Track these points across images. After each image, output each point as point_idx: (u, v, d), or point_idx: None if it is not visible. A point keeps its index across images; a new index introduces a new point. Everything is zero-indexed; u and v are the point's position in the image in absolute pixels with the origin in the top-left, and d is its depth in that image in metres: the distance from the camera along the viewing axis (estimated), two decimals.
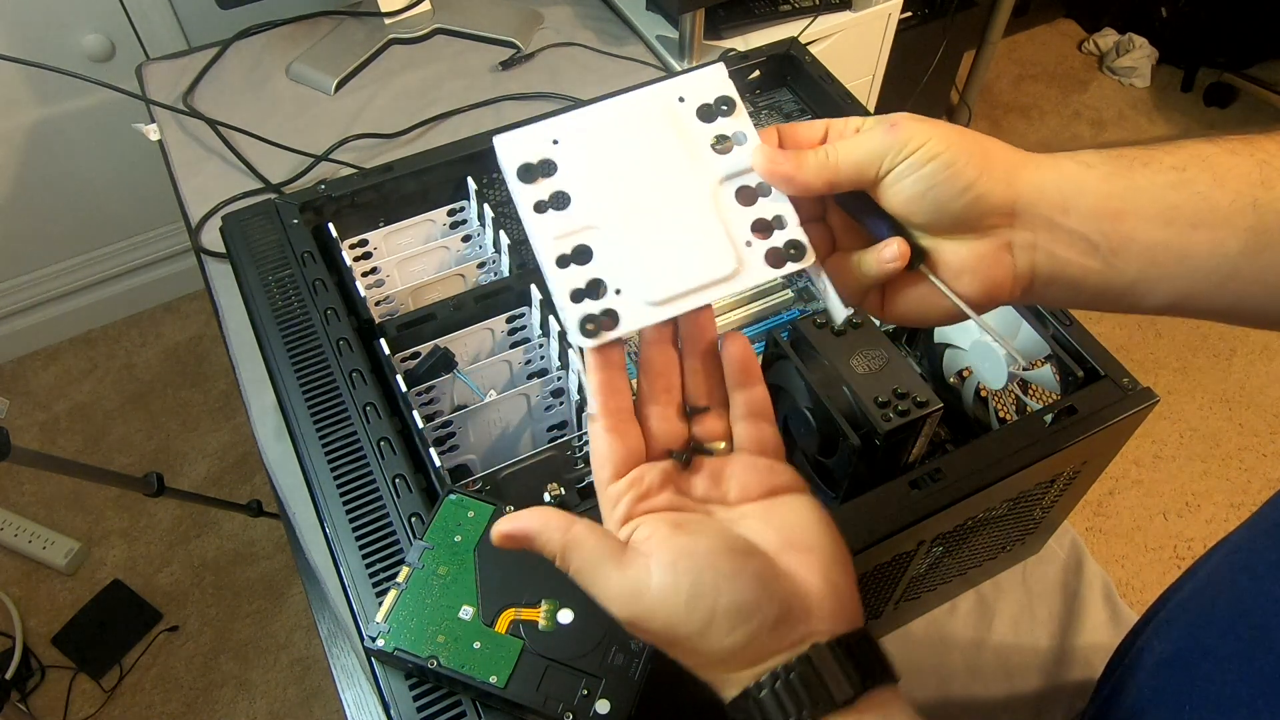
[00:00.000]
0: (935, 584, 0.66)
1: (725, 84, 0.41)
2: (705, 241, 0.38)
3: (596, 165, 0.39)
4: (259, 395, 0.80)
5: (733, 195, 0.39)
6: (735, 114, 0.41)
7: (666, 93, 0.41)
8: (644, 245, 0.38)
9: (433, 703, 0.45)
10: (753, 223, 0.39)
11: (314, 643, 1.44)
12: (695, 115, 0.40)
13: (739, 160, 0.40)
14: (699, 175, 0.39)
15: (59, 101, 1.47)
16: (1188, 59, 2.32)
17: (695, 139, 0.40)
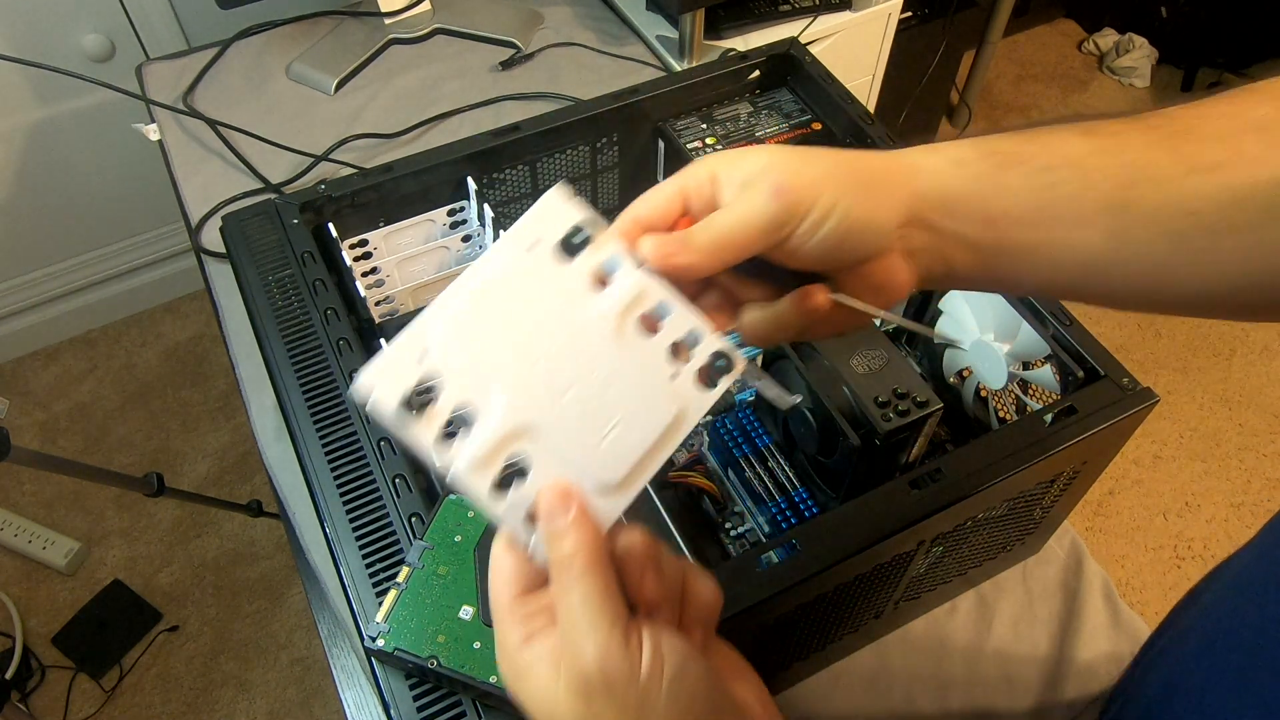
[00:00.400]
0: (935, 584, 0.66)
1: (569, 210, 0.36)
2: (633, 395, 0.34)
3: (480, 362, 0.33)
4: (259, 395, 0.80)
5: (635, 329, 0.35)
6: (596, 239, 0.36)
7: (514, 246, 0.35)
8: (573, 432, 0.33)
9: (433, 703, 0.45)
10: (668, 350, 0.35)
11: (314, 643, 1.44)
12: (555, 259, 0.35)
13: (623, 288, 0.35)
14: (590, 324, 0.35)
15: (59, 101, 1.47)
16: (1188, 59, 2.32)
17: (567, 284, 0.35)
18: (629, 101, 0.75)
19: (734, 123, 0.78)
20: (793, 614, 0.53)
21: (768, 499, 0.68)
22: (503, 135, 0.72)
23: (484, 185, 0.74)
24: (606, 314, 0.35)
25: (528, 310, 0.34)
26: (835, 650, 0.67)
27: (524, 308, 0.34)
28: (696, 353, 0.36)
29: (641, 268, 0.36)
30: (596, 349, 0.34)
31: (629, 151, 0.80)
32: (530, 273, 0.35)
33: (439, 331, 0.33)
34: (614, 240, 0.36)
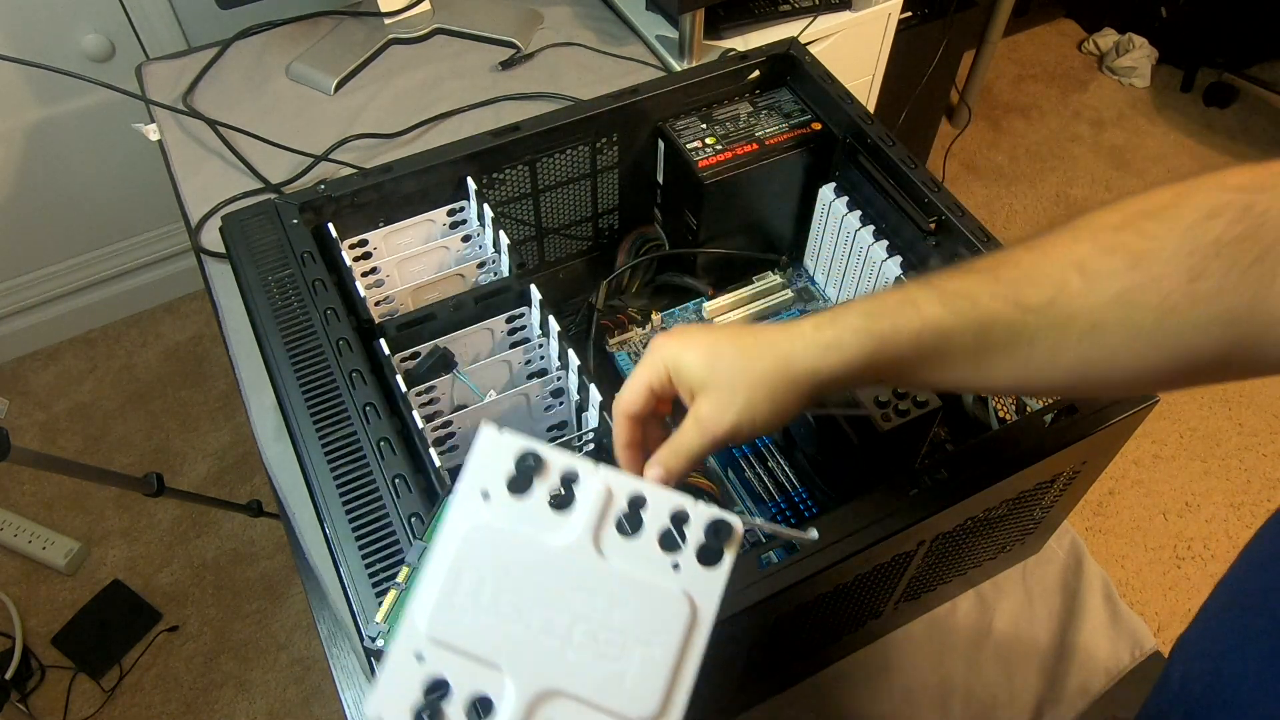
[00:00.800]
0: (935, 584, 0.66)
1: (506, 442, 0.35)
2: (640, 609, 0.33)
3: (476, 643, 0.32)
4: (259, 395, 0.80)
5: (615, 537, 0.34)
6: (546, 462, 0.35)
7: (468, 503, 0.34)
8: (594, 675, 0.32)
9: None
10: (658, 542, 0.34)
11: (314, 643, 1.44)
12: (511, 501, 0.34)
13: (588, 498, 0.34)
14: (569, 552, 0.33)
15: (59, 101, 1.47)
16: (1188, 59, 2.32)
17: (533, 522, 0.34)
18: (629, 101, 0.75)
19: (734, 123, 0.78)
20: (793, 614, 0.53)
21: (768, 499, 0.68)
22: (503, 135, 0.72)
23: (484, 185, 0.74)
24: (581, 534, 0.34)
25: (505, 565, 0.33)
26: (835, 650, 0.67)
27: (501, 564, 0.33)
28: (689, 531, 0.34)
29: (599, 467, 0.35)
30: (585, 575, 0.33)
31: (629, 151, 0.80)
32: (493, 526, 0.33)
33: (424, 627, 0.32)
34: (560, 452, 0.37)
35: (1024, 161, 2.18)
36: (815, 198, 0.80)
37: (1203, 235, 0.37)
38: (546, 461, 0.34)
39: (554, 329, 0.63)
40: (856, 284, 0.79)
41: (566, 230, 0.84)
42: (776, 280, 0.84)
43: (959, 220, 0.66)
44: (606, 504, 0.34)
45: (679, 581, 0.33)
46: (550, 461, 0.34)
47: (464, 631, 0.32)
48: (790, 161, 0.77)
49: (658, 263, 0.86)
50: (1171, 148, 2.21)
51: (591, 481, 0.34)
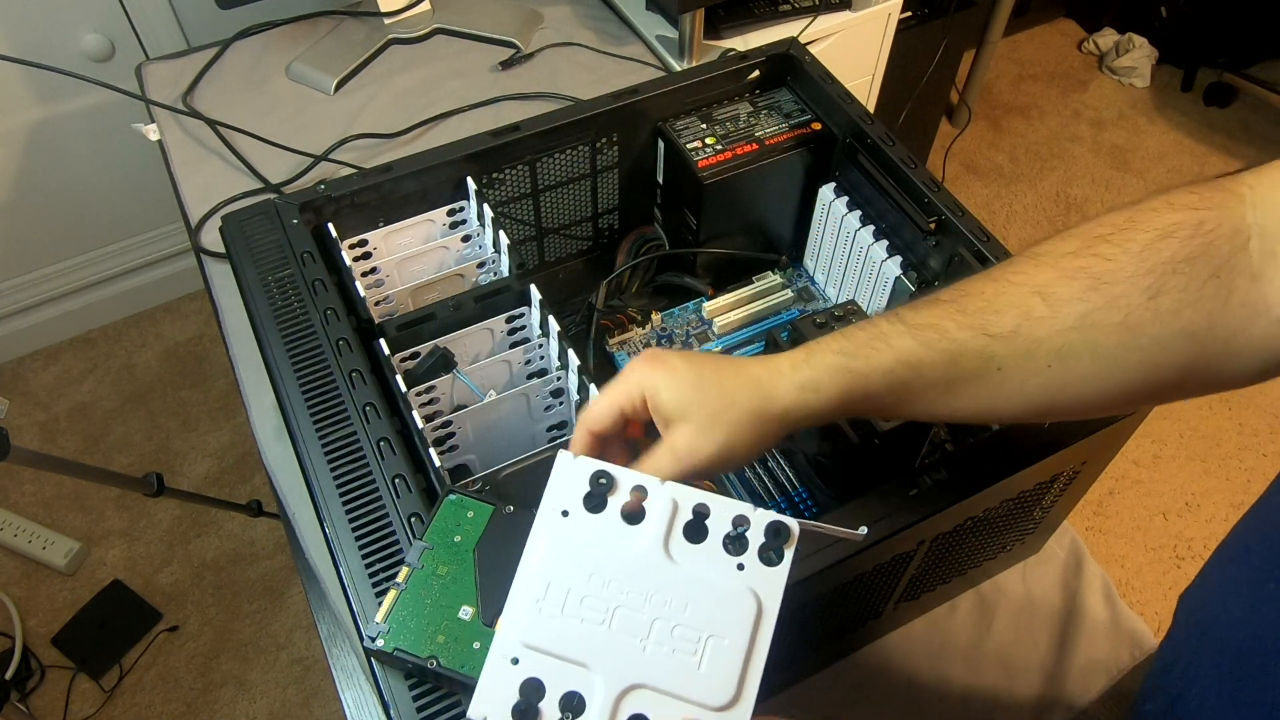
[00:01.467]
0: (935, 584, 0.66)
1: (580, 465, 0.38)
2: (710, 606, 0.36)
3: (564, 646, 0.35)
4: (259, 395, 0.80)
5: (683, 544, 0.37)
6: (617, 480, 0.38)
7: (550, 521, 0.37)
8: (672, 668, 0.35)
9: (433, 703, 0.45)
10: (723, 546, 0.37)
11: (314, 643, 1.44)
12: (589, 517, 0.37)
13: (657, 509, 0.37)
14: (643, 559, 0.36)
15: (59, 101, 1.47)
16: (1188, 59, 2.32)
17: (609, 534, 0.37)
18: (629, 101, 0.75)
19: (734, 123, 0.78)
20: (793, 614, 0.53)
21: (768, 499, 0.68)
22: (502, 135, 0.72)
23: (484, 185, 0.74)
24: (653, 542, 0.37)
25: (587, 574, 0.36)
26: (835, 650, 0.67)
27: (582, 573, 0.36)
28: (751, 535, 0.37)
29: (665, 484, 0.38)
30: (659, 579, 0.36)
31: (629, 151, 0.80)
32: (573, 540, 0.37)
33: (517, 633, 0.35)
34: (629, 471, 0.40)
35: (1024, 161, 2.18)
36: (815, 198, 0.80)
37: (1158, 254, 0.38)
38: (618, 479, 0.37)
39: (554, 329, 0.63)
40: (856, 284, 0.79)
41: (566, 230, 0.84)
42: (776, 280, 0.84)
43: (959, 220, 0.66)
44: (674, 514, 0.37)
45: (744, 580, 0.36)
46: (621, 479, 0.37)
47: (553, 635, 0.35)
48: (790, 161, 0.77)
49: (658, 263, 0.86)
50: (1171, 148, 2.21)
51: (659, 495, 0.37)
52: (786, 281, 0.85)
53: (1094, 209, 2.08)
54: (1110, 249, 0.39)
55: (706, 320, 0.81)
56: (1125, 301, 0.38)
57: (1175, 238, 0.38)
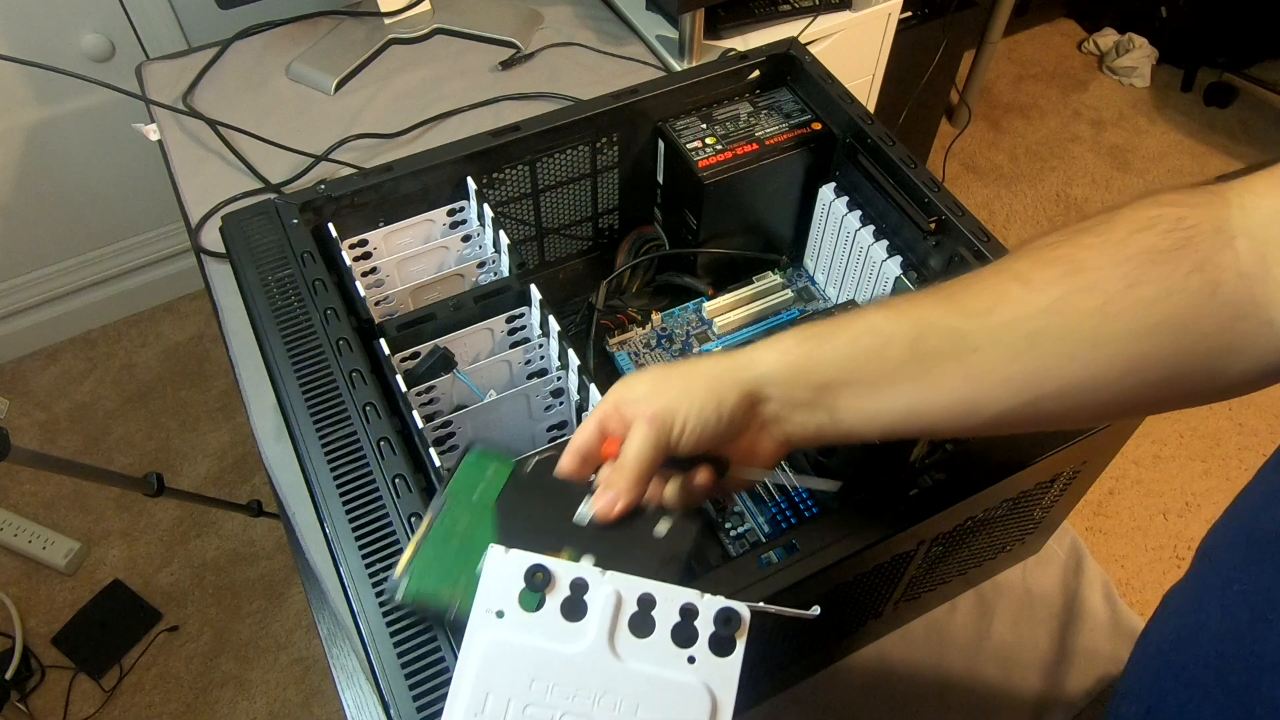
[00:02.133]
0: (935, 584, 0.66)
1: (518, 558, 0.37)
2: (662, 704, 0.34)
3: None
4: (259, 395, 0.80)
5: (629, 639, 0.35)
6: (554, 574, 0.36)
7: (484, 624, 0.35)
8: None
9: (433, 702, 0.45)
10: (671, 638, 0.35)
11: (314, 643, 1.44)
12: (524, 612, 0.36)
13: (601, 605, 0.35)
14: (588, 659, 0.35)
15: (59, 101, 1.47)
16: (1188, 59, 2.32)
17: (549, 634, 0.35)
18: (629, 101, 0.75)
19: (734, 122, 0.78)
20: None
21: (768, 499, 0.68)
22: (502, 135, 0.72)
23: (484, 185, 0.74)
24: (597, 639, 0.35)
25: (528, 679, 0.34)
26: (835, 650, 0.67)
27: (523, 678, 0.34)
28: (700, 624, 0.35)
29: (606, 574, 0.36)
30: (606, 679, 0.34)
31: (629, 151, 0.80)
32: (511, 643, 0.35)
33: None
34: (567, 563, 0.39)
35: (1024, 161, 2.18)
36: (815, 198, 0.80)
37: (1137, 244, 0.38)
38: (555, 573, 0.36)
39: (554, 329, 0.63)
40: (856, 284, 0.79)
41: (566, 230, 0.84)
42: (776, 280, 0.84)
43: (959, 220, 0.66)
44: (618, 607, 0.35)
45: (696, 674, 0.34)
46: (558, 573, 0.36)
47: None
48: (790, 161, 0.77)
49: (658, 263, 0.86)
50: (1171, 148, 2.21)
51: (600, 586, 0.35)
52: (786, 281, 0.85)
53: (1094, 209, 2.08)
54: (1090, 239, 0.39)
55: (706, 320, 0.81)
56: (1103, 287, 0.38)
57: (1155, 230, 0.38)
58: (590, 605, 0.35)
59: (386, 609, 0.48)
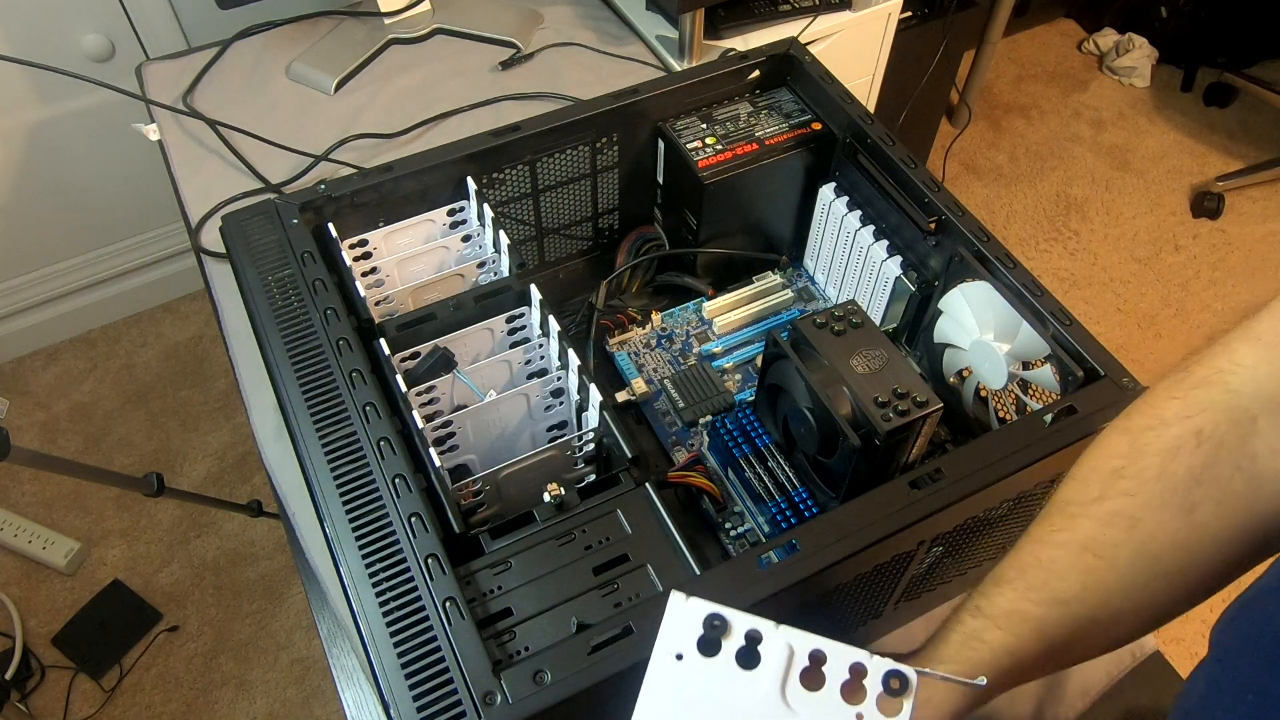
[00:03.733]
0: (935, 584, 0.66)
1: (694, 607, 0.37)
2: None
3: None
4: (259, 395, 0.80)
5: (800, 691, 0.36)
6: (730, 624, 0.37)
7: (664, 665, 0.36)
8: None
9: (433, 702, 0.45)
10: (840, 695, 0.36)
11: (314, 643, 1.44)
12: (701, 657, 0.37)
13: (772, 656, 0.36)
14: (759, 708, 0.36)
15: (59, 101, 1.47)
16: (1188, 59, 2.32)
17: (724, 681, 0.36)
18: (629, 101, 0.75)
19: (734, 123, 0.78)
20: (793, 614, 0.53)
21: (768, 499, 0.68)
22: (503, 135, 0.72)
23: (484, 185, 0.74)
24: (770, 688, 0.36)
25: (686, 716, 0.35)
26: None
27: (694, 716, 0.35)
28: (869, 683, 0.36)
29: (780, 627, 0.37)
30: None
31: (629, 151, 0.80)
32: (689, 685, 0.36)
33: None
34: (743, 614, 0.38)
35: (1024, 161, 2.18)
36: (815, 198, 0.80)
37: (1175, 476, 0.40)
38: (731, 623, 0.37)
39: (554, 329, 0.63)
40: (856, 284, 0.79)
41: (566, 230, 0.84)
42: (776, 280, 0.84)
43: (959, 220, 0.66)
44: (790, 659, 0.36)
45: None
46: (734, 623, 0.37)
47: None
48: (790, 161, 0.77)
49: (658, 263, 0.86)
50: (1171, 148, 2.21)
51: (774, 639, 0.36)
52: (786, 281, 0.85)
53: (1094, 209, 2.08)
54: (1129, 484, 0.41)
55: (706, 320, 0.81)
56: (1167, 528, 0.40)
57: (1183, 452, 0.40)
58: (764, 656, 0.36)
59: (386, 609, 0.48)
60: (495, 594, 0.50)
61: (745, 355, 0.80)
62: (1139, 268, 1.98)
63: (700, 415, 0.74)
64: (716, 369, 0.78)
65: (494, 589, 0.50)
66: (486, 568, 0.51)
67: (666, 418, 0.76)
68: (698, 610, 0.37)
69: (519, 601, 0.50)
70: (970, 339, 0.66)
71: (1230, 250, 2.02)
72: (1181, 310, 1.91)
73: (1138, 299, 1.93)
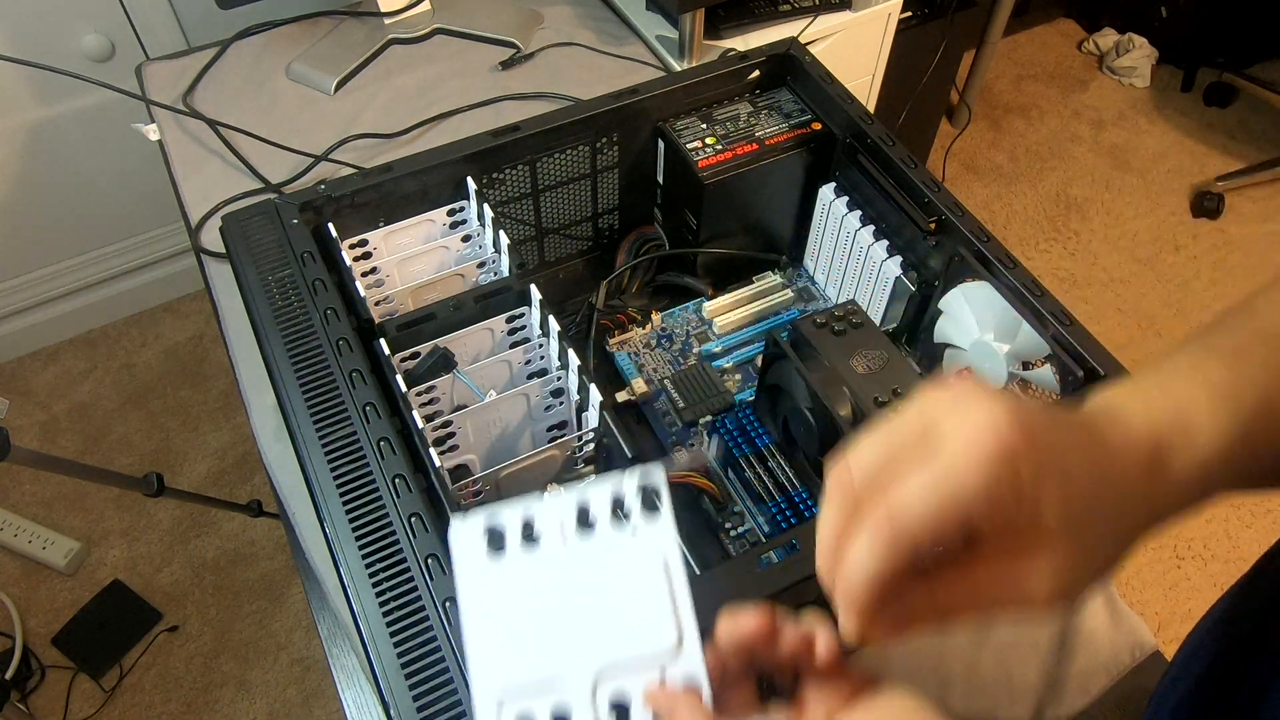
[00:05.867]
0: None
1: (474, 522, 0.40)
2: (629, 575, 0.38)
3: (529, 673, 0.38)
4: (259, 395, 0.80)
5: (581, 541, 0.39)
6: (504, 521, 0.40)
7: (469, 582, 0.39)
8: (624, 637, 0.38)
9: (433, 702, 0.45)
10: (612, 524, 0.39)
11: (314, 643, 1.44)
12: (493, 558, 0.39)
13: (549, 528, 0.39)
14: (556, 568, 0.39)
15: (59, 101, 1.47)
16: (1188, 59, 2.32)
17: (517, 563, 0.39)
18: (629, 101, 0.75)
19: (734, 123, 0.78)
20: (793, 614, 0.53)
21: (768, 499, 0.68)
22: (502, 135, 0.72)
23: (484, 185, 0.74)
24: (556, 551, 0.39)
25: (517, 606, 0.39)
26: None
27: (513, 607, 0.39)
28: (629, 501, 0.40)
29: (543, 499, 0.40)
30: (574, 576, 0.39)
31: (629, 151, 0.80)
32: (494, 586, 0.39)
33: (490, 684, 0.37)
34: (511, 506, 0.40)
35: (1024, 161, 2.18)
36: (815, 198, 0.80)
37: None
38: (504, 521, 0.40)
39: (554, 329, 0.63)
40: (856, 284, 0.79)
41: (566, 230, 0.84)
42: (776, 280, 0.84)
43: (959, 220, 0.66)
44: (564, 522, 0.40)
45: (641, 541, 0.39)
46: (508, 519, 0.40)
47: (518, 670, 0.38)
48: (790, 161, 0.77)
49: (658, 263, 0.86)
50: (1171, 148, 2.21)
51: (541, 514, 0.40)
52: (786, 281, 0.85)
53: (1094, 209, 2.08)
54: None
55: (706, 320, 0.81)
56: None
57: None
58: (542, 531, 0.40)
59: (386, 609, 0.48)
60: None
61: (745, 355, 0.80)
62: (1139, 268, 1.98)
63: (700, 415, 0.74)
64: (716, 369, 0.78)
65: None
66: None
67: (666, 418, 0.76)
68: (475, 526, 0.40)
69: None
70: (970, 339, 0.66)
71: (1230, 250, 2.02)
72: (1181, 310, 1.91)
73: (1138, 299, 1.93)
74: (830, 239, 0.80)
